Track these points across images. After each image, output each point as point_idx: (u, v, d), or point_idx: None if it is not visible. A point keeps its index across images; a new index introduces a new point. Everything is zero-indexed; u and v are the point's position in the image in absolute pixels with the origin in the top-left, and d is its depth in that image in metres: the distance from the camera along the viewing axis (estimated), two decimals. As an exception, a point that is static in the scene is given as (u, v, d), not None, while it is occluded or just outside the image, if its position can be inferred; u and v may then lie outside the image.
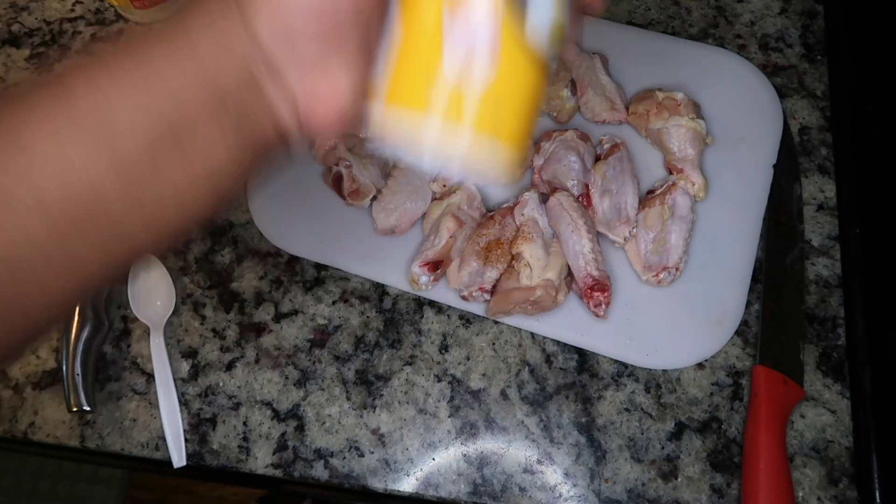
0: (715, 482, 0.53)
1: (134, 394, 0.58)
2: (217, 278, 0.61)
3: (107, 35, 0.72)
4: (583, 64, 0.63)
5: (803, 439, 0.53)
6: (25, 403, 0.58)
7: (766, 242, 0.59)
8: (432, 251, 0.57)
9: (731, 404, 0.55)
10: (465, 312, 0.58)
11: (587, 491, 0.53)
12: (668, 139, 0.60)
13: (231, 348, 0.59)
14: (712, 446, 0.54)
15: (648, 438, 0.54)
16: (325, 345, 0.58)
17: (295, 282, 0.61)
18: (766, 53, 0.66)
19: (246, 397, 0.57)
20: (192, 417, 0.57)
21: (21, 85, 0.31)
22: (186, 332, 0.60)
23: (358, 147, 0.61)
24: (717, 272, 0.57)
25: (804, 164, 0.62)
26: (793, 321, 0.56)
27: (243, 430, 0.56)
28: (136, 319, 0.60)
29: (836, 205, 0.60)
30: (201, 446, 0.56)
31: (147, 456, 0.56)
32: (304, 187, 0.63)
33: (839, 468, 0.52)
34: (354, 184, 0.60)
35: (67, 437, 0.57)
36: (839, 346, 0.56)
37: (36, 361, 0.60)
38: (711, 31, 0.68)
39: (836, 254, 0.59)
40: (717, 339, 0.56)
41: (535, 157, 0.60)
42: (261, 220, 0.63)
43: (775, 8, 0.68)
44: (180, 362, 0.59)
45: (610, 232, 0.58)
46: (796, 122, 0.63)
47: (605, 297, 0.55)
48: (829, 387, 0.55)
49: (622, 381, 0.56)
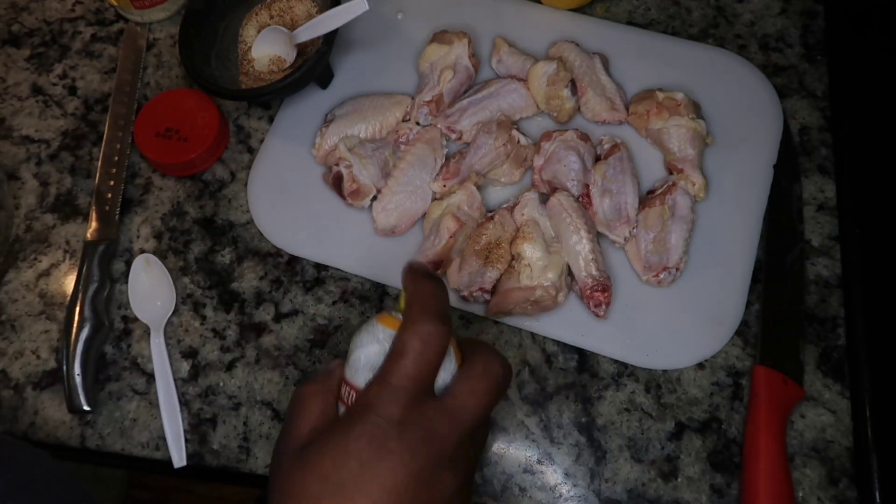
0: (715, 482, 0.53)
1: (134, 394, 0.58)
2: (217, 278, 0.61)
3: (107, 35, 0.72)
4: (583, 64, 0.63)
5: (803, 439, 0.53)
6: (25, 403, 0.58)
7: (766, 242, 0.59)
8: (432, 251, 0.57)
9: (731, 404, 0.55)
10: (464, 312, 0.58)
11: (587, 491, 0.53)
12: (668, 139, 0.60)
13: (231, 348, 0.59)
14: (712, 446, 0.54)
15: (648, 438, 0.54)
16: (326, 345, 0.58)
17: (295, 282, 0.61)
18: (766, 53, 0.66)
19: (246, 397, 0.57)
20: (193, 417, 0.57)
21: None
22: (186, 332, 0.60)
23: (358, 147, 0.61)
24: (717, 272, 0.57)
25: (804, 164, 0.62)
26: (793, 321, 0.56)
27: (243, 431, 0.56)
28: (136, 319, 0.60)
29: (836, 205, 0.60)
30: (201, 446, 0.56)
31: (147, 456, 0.56)
32: (304, 187, 0.63)
33: (839, 468, 0.52)
34: (354, 184, 0.60)
35: (67, 437, 0.57)
36: (839, 346, 0.56)
37: (36, 361, 0.60)
38: (711, 32, 0.68)
39: (836, 254, 0.59)
40: (717, 339, 0.56)
41: (536, 157, 0.60)
42: (261, 220, 0.63)
43: (775, 8, 0.68)
44: (180, 362, 0.59)
45: (610, 232, 0.58)
46: (796, 122, 0.63)
47: (605, 298, 0.55)
48: (829, 387, 0.55)
49: (622, 381, 0.56)
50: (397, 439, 0.34)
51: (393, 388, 0.35)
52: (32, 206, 0.65)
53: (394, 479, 0.34)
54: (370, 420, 0.35)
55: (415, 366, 0.35)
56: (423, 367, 0.35)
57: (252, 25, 0.67)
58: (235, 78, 0.65)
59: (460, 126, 0.62)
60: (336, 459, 0.34)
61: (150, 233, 0.63)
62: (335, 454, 0.34)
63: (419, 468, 0.34)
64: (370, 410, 0.35)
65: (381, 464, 0.34)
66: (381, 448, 0.34)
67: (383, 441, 0.34)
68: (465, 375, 0.37)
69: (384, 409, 0.35)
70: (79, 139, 0.68)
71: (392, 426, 0.34)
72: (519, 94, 0.62)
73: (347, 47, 0.68)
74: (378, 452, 0.34)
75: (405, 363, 0.35)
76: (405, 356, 0.35)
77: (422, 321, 0.36)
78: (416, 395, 0.35)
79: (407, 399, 0.35)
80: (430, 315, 0.36)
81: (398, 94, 0.64)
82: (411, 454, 0.34)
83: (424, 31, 0.67)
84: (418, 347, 0.35)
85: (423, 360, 0.35)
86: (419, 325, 0.36)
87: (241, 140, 0.67)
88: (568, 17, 0.68)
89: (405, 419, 0.35)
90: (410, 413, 0.35)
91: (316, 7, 0.67)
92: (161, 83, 0.70)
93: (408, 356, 0.35)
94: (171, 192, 0.65)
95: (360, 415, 0.35)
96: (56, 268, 0.63)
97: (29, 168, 0.67)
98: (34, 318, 0.61)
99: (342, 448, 0.34)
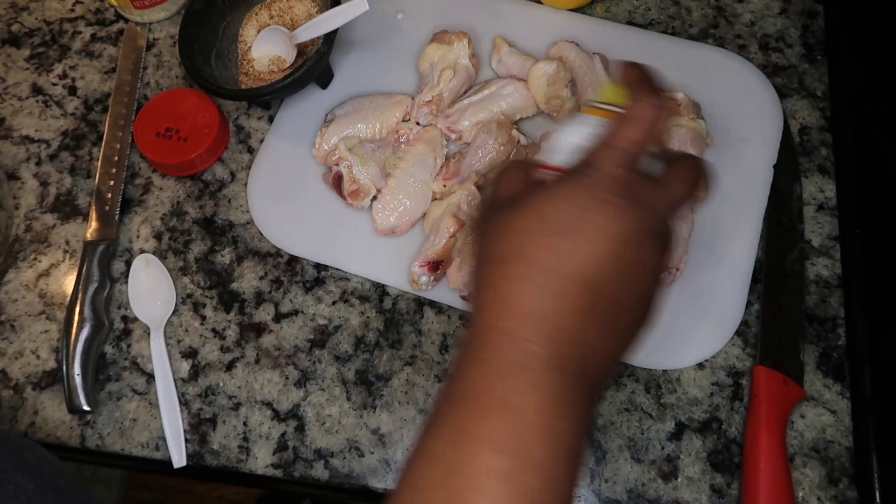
0: (715, 482, 0.53)
1: (134, 394, 0.58)
2: (217, 278, 0.61)
3: (107, 35, 0.72)
4: (583, 64, 0.63)
5: (803, 439, 0.53)
6: (25, 403, 0.58)
7: (766, 242, 0.59)
8: (432, 251, 0.57)
9: (731, 404, 0.55)
10: (465, 312, 0.58)
11: (587, 491, 0.53)
12: (668, 139, 0.60)
13: (231, 348, 0.59)
14: (712, 446, 0.54)
15: (648, 438, 0.54)
16: (326, 345, 0.58)
17: (295, 282, 0.61)
18: (766, 53, 0.66)
19: (246, 397, 0.57)
20: (193, 417, 0.57)
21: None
22: (186, 332, 0.60)
23: (358, 147, 0.61)
24: (717, 272, 0.57)
25: (804, 164, 0.62)
26: (793, 321, 0.56)
27: (243, 431, 0.56)
28: (136, 319, 0.60)
29: (836, 205, 0.60)
30: (201, 446, 0.56)
31: (147, 456, 0.56)
32: (304, 187, 0.63)
33: (839, 468, 0.52)
34: (354, 184, 0.60)
35: (67, 437, 0.57)
36: (839, 346, 0.56)
37: (36, 361, 0.60)
38: (711, 32, 0.68)
39: (836, 254, 0.59)
40: (717, 339, 0.56)
41: (535, 157, 0.60)
42: (261, 220, 0.63)
43: (775, 8, 0.68)
44: (180, 362, 0.59)
45: (610, 232, 0.58)
46: (796, 122, 0.63)
47: (605, 297, 0.55)
48: (829, 387, 0.55)
49: (622, 381, 0.56)
50: (615, 195, 0.36)
51: (617, 149, 0.37)
52: (32, 206, 0.65)
53: (610, 228, 0.35)
54: (592, 174, 0.36)
55: (640, 132, 0.37)
56: (645, 134, 0.37)
57: (252, 25, 0.67)
58: (235, 78, 0.65)
59: (460, 126, 0.62)
60: (555, 202, 0.36)
61: (150, 233, 0.63)
62: (555, 198, 0.36)
63: (631, 227, 0.35)
64: (593, 166, 0.37)
65: (599, 212, 0.35)
66: (600, 200, 0.35)
67: (602, 194, 0.36)
68: (674, 167, 0.39)
69: (608, 166, 0.36)
70: (79, 139, 0.68)
71: (613, 182, 0.36)
72: (519, 94, 0.62)
73: (347, 47, 0.68)
74: (596, 203, 0.35)
75: (631, 128, 0.37)
76: (632, 122, 0.37)
77: (646, 95, 0.38)
78: (636, 162, 0.37)
79: (629, 161, 0.37)
80: (652, 90, 0.38)
81: (398, 94, 0.64)
82: (626, 212, 0.35)
83: (424, 31, 0.67)
84: (646, 115, 0.37)
85: (648, 129, 0.37)
86: (647, 97, 0.38)
87: (241, 140, 0.67)
88: (568, 17, 0.68)
89: (626, 180, 0.36)
90: (630, 176, 0.36)
91: (316, 7, 0.67)
92: (161, 83, 0.70)
93: (635, 122, 0.37)
94: (171, 192, 0.65)
95: (582, 169, 0.37)
96: (56, 268, 0.63)
97: (29, 168, 0.67)
98: (34, 318, 0.61)
99: (563, 194, 0.36)
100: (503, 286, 0.36)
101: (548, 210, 0.36)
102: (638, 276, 0.36)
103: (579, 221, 0.35)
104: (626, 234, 0.35)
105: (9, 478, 0.41)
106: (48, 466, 0.44)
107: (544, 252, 0.35)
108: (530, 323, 0.35)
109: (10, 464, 0.42)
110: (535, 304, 0.35)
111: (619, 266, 0.35)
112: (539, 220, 0.36)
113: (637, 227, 0.36)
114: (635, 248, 0.36)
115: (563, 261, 0.35)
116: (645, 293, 0.38)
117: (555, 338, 0.34)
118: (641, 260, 0.36)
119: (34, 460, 0.43)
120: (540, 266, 0.35)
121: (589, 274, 0.35)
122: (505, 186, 0.40)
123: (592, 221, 0.35)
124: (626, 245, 0.35)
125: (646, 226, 0.36)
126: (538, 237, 0.36)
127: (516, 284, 0.35)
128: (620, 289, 0.36)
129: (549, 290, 0.35)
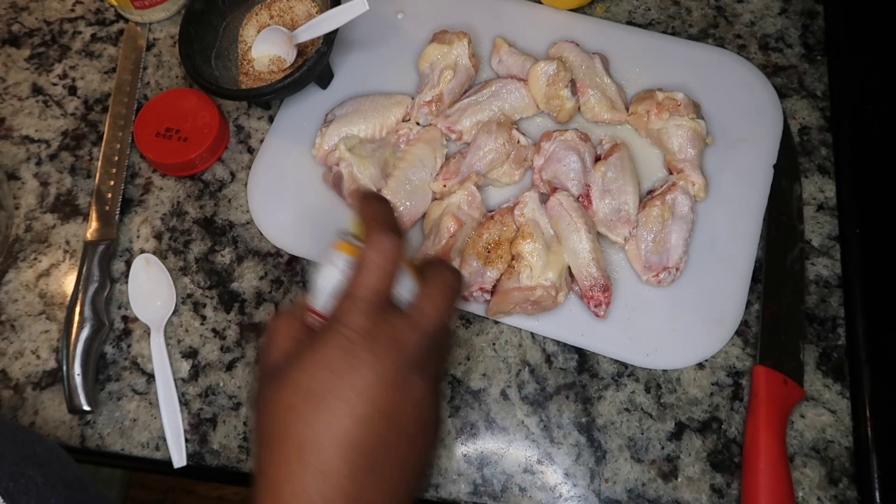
0: (715, 482, 0.53)
1: (134, 394, 0.58)
2: (217, 278, 0.61)
3: (107, 35, 0.72)
4: (583, 64, 0.63)
5: (803, 439, 0.53)
6: (25, 403, 0.58)
7: (766, 242, 0.59)
8: (432, 251, 0.57)
9: (731, 404, 0.55)
10: (465, 312, 0.58)
11: (587, 491, 0.53)
12: (668, 139, 0.60)
13: (231, 348, 0.59)
14: (712, 446, 0.54)
15: (648, 438, 0.54)
16: (326, 345, 0.58)
17: (295, 282, 0.61)
18: (766, 53, 0.66)
19: (246, 397, 0.57)
20: (193, 417, 0.57)
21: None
22: (186, 332, 0.60)
23: (358, 147, 0.61)
24: (717, 272, 0.57)
25: (804, 164, 0.62)
26: (793, 321, 0.56)
27: (243, 430, 0.56)
28: (136, 319, 0.60)
29: (836, 205, 0.60)
30: (201, 446, 0.56)
31: (147, 456, 0.56)
32: (304, 187, 0.63)
33: (839, 468, 0.53)
34: (354, 184, 0.60)
35: (67, 437, 0.57)
36: (839, 346, 0.56)
37: (36, 361, 0.60)
38: (711, 31, 0.68)
39: (836, 254, 0.59)
40: (717, 339, 0.56)
41: (536, 157, 0.60)
42: (261, 220, 0.63)
43: (775, 8, 0.68)
44: (180, 362, 0.59)
45: (610, 232, 0.58)
46: (796, 122, 0.63)
47: (605, 298, 0.55)
48: (829, 387, 0.55)
49: (622, 381, 0.56)
50: (365, 347, 0.36)
51: (357, 299, 0.37)
52: (32, 206, 0.65)
53: (364, 383, 0.35)
54: (338, 331, 0.37)
55: (375, 277, 0.37)
56: (382, 278, 0.38)
57: (252, 25, 0.67)
58: (235, 78, 0.65)
59: (460, 126, 0.62)
60: (308, 370, 0.36)
61: (150, 233, 0.63)
62: (307, 366, 0.37)
63: (388, 373, 0.36)
64: (338, 323, 0.37)
65: (351, 370, 0.36)
66: (351, 356, 0.36)
67: (352, 349, 0.36)
68: (424, 288, 0.40)
69: (351, 320, 0.37)
70: (79, 139, 0.68)
71: (360, 335, 0.36)
72: (519, 94, 0.62)
73: (347, 47, 0.68)
74: (348, 360, 0.36)
75: (366, 276, 0.37)
76: (366, 270, 0.38)
77: (377, 236, 0.38)
78: (379, 306, 0.37)
79: (371, 309, 0.37)
80: (384, 230, 0.38)
81: (398, 94, 0.64)
82: (380, 360, 0.36)
83: (424, 31, 0.67)
84: (377, 260, 0.37)
85: (383, 271, 0.38)
86: (375, 240, 0.38)
87: (241, 140, 0.67)
88: (568, 17, 0.68)
89: (371, 328, 0.37)
90: (376, 322, 0.37)
91: (316, 7, 0.67)
92: (161, 83, 0.70)
93: (368, 269, 0.37)
94: (171, 192, 0.65)
95: (329, 328, 0.37)
96: (56, 268, 0.63)
97: (29, 168, 0.67)
98: (34, 318, 0.61)
99: (314, 360, 0.37)
100: (271, 472, 0.36)
101: (303, 380, 0.36)
102: (409, 413, 0.37)
103: (335, 386, 0.35)
104: (382, 384, 0.36)
105: (21, 471, 0.41)
106: (57, 460, 0.44)
107: (306, 428, 0.35)
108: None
109: (22, 457, 0.42)
110: (305, 487, 0.35)
111: (384, 416, 0.36)
112: (296, 392, 0.36)
113: (393, 370, 0.36)
114: (398, 391, 0.36)
115: (326, 432, 0.35)
116: (424, 423, 0.38)
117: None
118: (409, 397, 0.37)
119: (44, 453, 0.44)
120: (304, 444, 0.35)
121: (354, 437, 0.35)
122: (276, 346, 0.39)
123: (347, 381, 0.35)
124: (386, 391, 0.36)
125: (402, 363, 0.36)
126: (300, 413, 0.36)
127: (284, 467, 0.35)
128: (392, 435, 0.36)
129: (317, 467, 0.35)
